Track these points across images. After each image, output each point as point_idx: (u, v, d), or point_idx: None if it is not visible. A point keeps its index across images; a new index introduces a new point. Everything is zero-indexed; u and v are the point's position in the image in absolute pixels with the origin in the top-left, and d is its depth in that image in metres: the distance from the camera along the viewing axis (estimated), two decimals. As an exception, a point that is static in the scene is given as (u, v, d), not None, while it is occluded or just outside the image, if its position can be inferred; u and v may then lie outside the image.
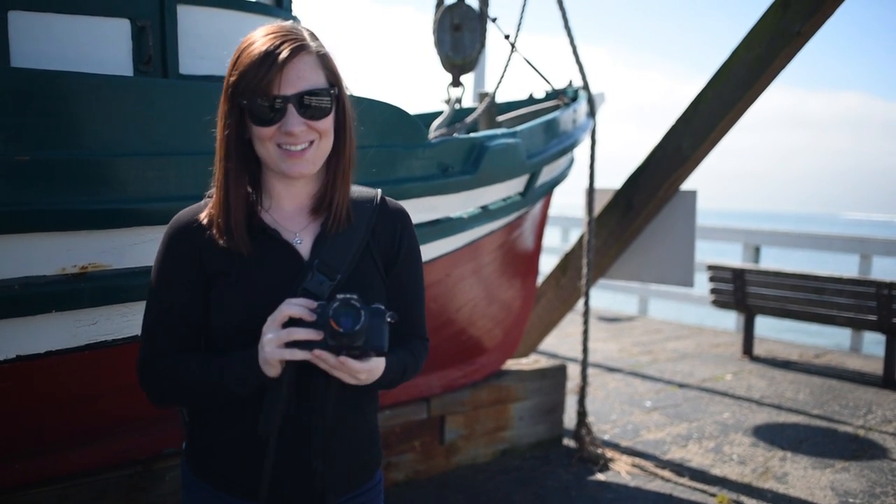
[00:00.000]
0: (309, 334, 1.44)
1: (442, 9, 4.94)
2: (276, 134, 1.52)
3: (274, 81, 1.48)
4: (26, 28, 2.62)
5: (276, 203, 1.64)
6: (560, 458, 4.99)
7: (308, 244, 1.63)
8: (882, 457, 5.03)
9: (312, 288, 1.55)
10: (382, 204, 1.74)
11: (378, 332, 1.45)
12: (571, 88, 5.52)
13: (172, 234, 1.63)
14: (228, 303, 1.57)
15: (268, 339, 1.46)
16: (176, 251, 1.61)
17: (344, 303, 1.42)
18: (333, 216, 1.62)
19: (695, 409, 6.14)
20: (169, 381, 1.60)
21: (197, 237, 1.59)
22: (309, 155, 1.55)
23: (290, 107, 1.50)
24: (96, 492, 3.02)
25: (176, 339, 1.62)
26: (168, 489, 3.20)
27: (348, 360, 1.43)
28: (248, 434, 1.57)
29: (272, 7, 3.54)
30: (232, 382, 1.53)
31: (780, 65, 5.00)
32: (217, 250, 1.57)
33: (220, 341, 1.60)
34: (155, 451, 3.22)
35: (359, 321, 1.41)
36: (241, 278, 1.57)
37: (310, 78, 1.52)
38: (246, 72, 1.49)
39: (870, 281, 6.91)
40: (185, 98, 2.39)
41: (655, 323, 10.16)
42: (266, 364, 1.47)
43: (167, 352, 1.61)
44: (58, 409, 2.61)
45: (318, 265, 1.58)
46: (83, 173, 2.19)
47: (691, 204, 5.71)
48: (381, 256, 1.69)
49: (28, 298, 2.19)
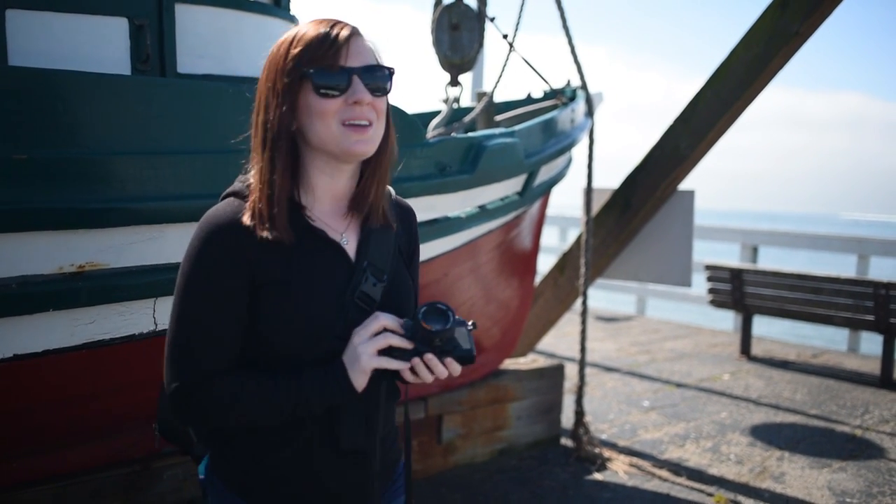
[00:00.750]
0: (403, 342, 1.46)
1: (440, 8, 4.94)
2: (341, 107, 1.46)
3: (341, 52, 1.46)
4: (24, 26, 2.62)
5: (317, 200, 1.56)
6: (558, 457, 4.99)
7: (353, 245, 1.58)
8: (879, 456, 5.04)
9: (368, 290, 1.53)
10: (397, 202, 1.73)
11: (465, 338, 1.50)
12: (569, 88, 5.52)
13: (212, 238, 1.46)
14: (283, 308, 1.46)
15: (362, 348, 1.44)
16: (218, 256, 1.45)
17: (430, 307, 1.46)
18: (374, 213, 1.60)
19: (692, 408, 6.14)
20: (222, 408, 1.46)
21: (243, 240, 1.45)
22: (370, 133, 1.50)
23: (356, 77, 1.47)
24: (93, 491, 3.02)
25: (220, 357, 1.47)
26: (166, 488, 3.20)
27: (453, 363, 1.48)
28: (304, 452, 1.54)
29: (270, 6, 3.54)
30: (314, 399, 1.46)
31: (779, 64, 5.00)
32: (262, 251, 1.45)
33: (271, 351, 1.49)
34: (153, 450, 3.22)
35: (448, 321, 1.44)
36: (294, 282, 1.47)
37: (370, 57, 1.51)
38: (311, 43, 1.45)
39: (867, 281, 6.92)
40: (182, 97, 2.39)
41: (653, 323, 10.17)
42: (359, 374, 1.45)
43: (213, 373, 1.46)
44: (55, 408, 2.61)
45: (367, 266, 1.55)
46: (81, 172, 2.19)
47: (689, 204, 5.72)
48: (404, 254, 1.70)
49: (25, 297, 2.19)
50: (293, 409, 1.46)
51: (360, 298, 1.52)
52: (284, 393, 1.45)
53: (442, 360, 1.47)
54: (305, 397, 1.46)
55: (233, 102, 2.47)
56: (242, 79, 3.30)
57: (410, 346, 1.46)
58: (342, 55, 1.46)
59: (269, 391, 1.45)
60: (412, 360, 1.46)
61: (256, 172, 1.50)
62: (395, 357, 1.46)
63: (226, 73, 3.22)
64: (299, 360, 1.49)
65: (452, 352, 1.48)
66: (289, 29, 3.60)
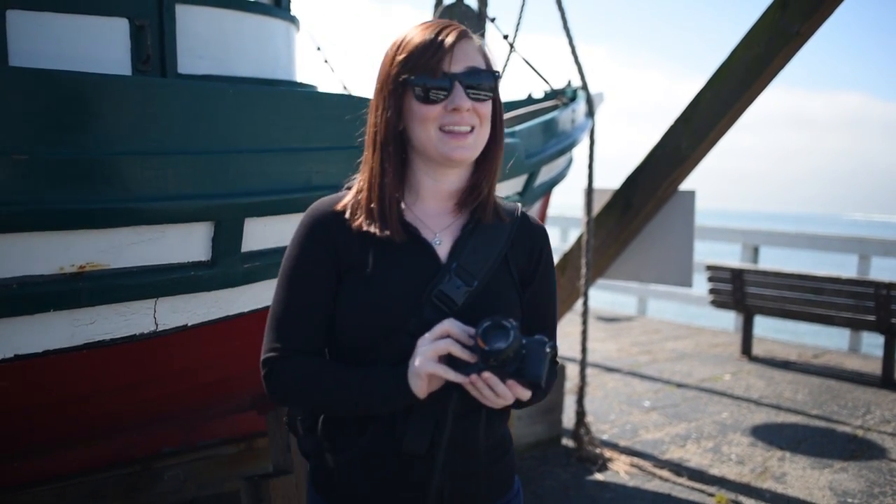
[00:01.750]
0: (464, 353, 1.38)
1: (440, 8, 4.94)
2: (441, 114, 1.50)
3: (444, 59, 1.48)
4: (25, 27, 2.62)
5: (420, 200, 1.60)
6: (558, 457, 4.99)
7: (447, 246, 1.58)
8: (880, 457, 5.03)
9: (448, 291, 1.51)
10: (524, 218, 1.68)
11: (536, 361, 1.37)
12: (570, 88, 5.52)
13: (309, 223, 1.58)
14: (359, 298, 1.52)
15: (422, 350, 1.41)
16: (312, 240, 1.56)
17: (495, 323, 1.36)
18: (483, 213, 1.59)
19: (693, 408, 6.14)
20: (298, 386, 1.53)
21: (333, 227, 1.56)
22: (471, 139, 1.52)
23: (458, 84, 1.49)
24: (94, 491, 3.03)
25: (306, 336, 1.56)
26: (166, 488, 3.20)
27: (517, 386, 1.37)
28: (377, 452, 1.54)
29: (271, 7, 3.54)
30: (377, 397, 1.47)
31: (779, 65, 5.00)
32: (353, 243, 1.54)
33: (345, 340, 1.55)
34: (154, 450, 3.22)
35: (507, 341, 1.33)
36: (375, 274, 1.52)
37: (475, 61, 1.52)
38: (414, 51, 1.49)
39: (868, 281, 6.91)
40: (183, 97, 2.39)
41: (654, 323, 10.16)
42: (415, 377, 1.42)
43: (297, 350, 1.54)
44: (56, 408, 2.61)
45: (456, 269, 1.53)
46: (81, 172, 2.19)
47: (690, 204, 5.71)
48: (517, 271, 1.63)
49: (26, 297, 2.19)
50: (357, 404, 1.50)
51: (437, 297, 1.51)
52: (351, 385, 1.49)
53: (504, 380, 1.37)
54: (368, 394, 1.47)
55: (233, 103, 2.47)
56: (243, 79, 3.30)
57: (472, 358, 1.37)
58: (445, 61, 1.49)
59: (339, 381, 1.50)
60: (471, 375, 1.37)
61: (366, 171, 1.58)
62: (456, 368, 1.39)
63: (226, 74, 3.22)
64: (372, 354, 1.50)
65: (518, 374, 1.37)
66: (289, 29, 3.61)
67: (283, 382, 1.54)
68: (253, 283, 2.66)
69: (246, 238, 2.56)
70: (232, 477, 3.60)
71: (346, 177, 1.69)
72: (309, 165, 2.62)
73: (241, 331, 2.76)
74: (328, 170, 2.65)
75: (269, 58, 3.53)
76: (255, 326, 2.74)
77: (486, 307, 1.52)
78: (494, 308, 1.52)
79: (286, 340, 1.55)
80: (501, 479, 1.67)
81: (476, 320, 1.42)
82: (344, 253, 1.54)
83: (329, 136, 2.68)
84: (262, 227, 2.61)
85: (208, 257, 2.52)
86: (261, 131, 2.53)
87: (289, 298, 1.57)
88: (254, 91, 2.59)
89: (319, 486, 1.65)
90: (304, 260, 1.56)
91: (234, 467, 3.69)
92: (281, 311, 1.57)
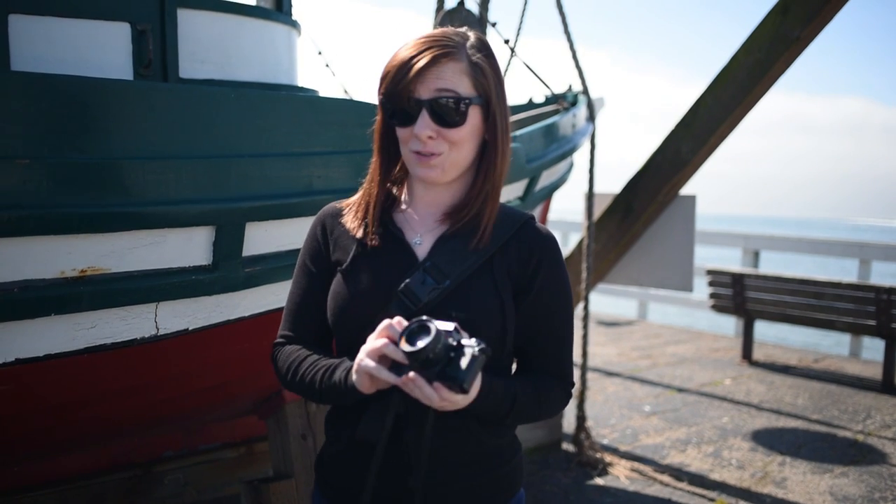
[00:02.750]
0: (397, 354, 1.36)
1: (442, 13, 4.95)
2: (411, 137, 1.52)
3: (411, 84, 1.49)
4: (26, 32, 2.63)
5: (413, 205, 1.66)
6: (559, 462, 4.99)
7: (427, 246, 1.60)
8: (881, 462, 5.03)
9: (414, 287, 1.51)
10: (526, 226, 1.63)
11: (461, 364, 1.32)
12: (571, 93, 5.53)
13: (315, 220, 1.72)
14: (337, 292, 1.60)
15: (363, 348, 1.41)
16: (312, 238, 1.70)
17: (420, 324, 1.34)
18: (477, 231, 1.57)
19: (694, 413, 6.13)
20: (286, 372, 1.64)
21: (331, 225, 1.68)
22: (437, 161, 1.52)
23: (423, 111, 1.49)
24: (95, 495, 3.03)
25: (305, 326, 1.68)
26: (167, 492, 3.20)
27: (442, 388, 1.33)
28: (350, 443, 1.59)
29: (272, 11, 3.55)
30: (333, 391, 1.52)
31: (780, 69, 5.01)
32: (343, 241, 1.64)
33: (335, 334, 1.66)
34: (154, 455, 3.22)
35: (425, 341, 1.30)
36: (353, 270, 1.60)
37: (450, 84, 1.49)
38: (389, 72, 1.52)
39: (869, 286, 6.91)
40: (184, 102, 2.39)
41: (655, 327, 10.16)
42: (356, 374, 1.42)
43: (296, 339, 1.68)
44: (57, 413, 2.61)
45: (429, 266, 1.54)
46: (82, 177, 2.19)
47: (690, 208, 5.72)
48: (507, 278, 1.58)
49: (27, 301, 2.19)
50: (321, 395, 1.57)
51: (403, 293, 1.51)
52: (316, 377, 1.56)
53: (430, 381, 1.34)
54: (328, 388, 1.53)
55: (234, 107, 2.48)
56: (244, 84, 3.30)
57: (405, 360, 1.34)
58: (413, 87, 1.49)
59: (310, 372, 1.58)
60: (402, 376, 1.34)
61: (368, 174, 1.67)
62: (390, 368, 1.37)
63: (227, 78, 3.22)
64: (354, 346, 1.50)
65: (441, 376, 1.33)
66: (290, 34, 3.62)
67: (277, 367, 1.68)
68: (254, 288, 2.66)
69: (247, 242, 2.57)
70: (232, 481, 3.60)
71: (346, 181, 1.73)
72: (310, 170, 2.63)
73: (242, 335, 2.76)
74: (329, 174, 2.66)
75: (271, 62, 3.53)
76: (256, 331, 2.76)
77: (454, 308, 1.51)
78: (463, 310, 1.51)
79: (288, 328, 1.70)
80: (498, 489, 1.64)
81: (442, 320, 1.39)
82: (334, 248, 1.65)
83: (330, 140, 2.68)
84: (263, 231, 2.61)
85: (209, 262, 2.52)
86: (262, 136, 2.53)
87: (293, 290, 1.71)
88: (255, 95, 2.59)
89: (318, 482, 1.74)
90: (305, 255, 1.70)
91: (235, 471, 3.69)
92: (288, 301, 1.72)
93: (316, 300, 1.66)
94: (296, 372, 1.61)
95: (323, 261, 1.66)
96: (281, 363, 1.67)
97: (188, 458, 3.40)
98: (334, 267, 1.64)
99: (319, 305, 1.65)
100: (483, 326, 1.52)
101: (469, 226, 1.58)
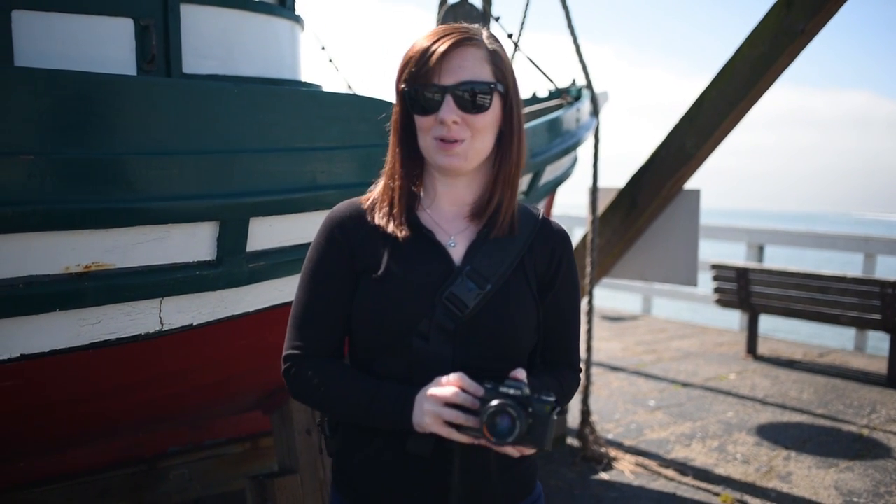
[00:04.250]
0: (469, 421, 1.39)
1: (445, 8, 4.94)
2: (434, 124, 1.50)
3: (434, 70, 1.48)
4: (30, 27, 2.63)
5: (436, 203, 1.62)
6: (564, 457, 4.99)
7: (462, 249, 1.58)
8: (886, 456, 5.02)
9: (460, 293, 1.51)
10: (544, 223, 1.68)
11: (541, 431, 1.37)
12: (575, 87, 5.51)
13: (328, 225, 1.61)
14: (372, 299, 1.53)
15: (428, 411, 1.41)
16: (330, 242, 1.59)
17: (500, 409, 1.35)
18: (496, 223, 1.58)
19: (698, 408, 6.13)
20: (314, 389, 1.56)
21: (351, 229, 1.59)
22: (460, 149, 1.51)
23: (448, 97, 1.48)
24: (101, 490, 3.03)
25: (325, 337, 1.59)
26: (172, 487, 3.21)
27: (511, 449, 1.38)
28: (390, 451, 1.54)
29: (275, 6, 3.54)
30: (381, 418, 1.49)
31: (784, 63, 4.98)
32: (370, 245, 1.57)
33: (360, 340, 1.58)
34: (159, 450, 3.23)
35: (513, 432, 1.34)
36: (389, 275, 1.53)
37: (472, 71, 1.49)
38: (410, 60, 1.51)
39: (874, 280, 6.89)
40: (188, 97, 2.39)
41: (659, 322, 10.15)
42: (420, 427, 1.44)
43: (317, 351, 1.58)
44: (61, 408, 2.62)
45: (469, 271, 1.53)
46: (86, 172, 2.20)
47: (695, 203, 5.70)
48: (535, 276, 1.62)
49: (32, 297, 2.20)
50: (363, 418, 1.51)
51: (449, 300, 1.50)
52: (361, 400, 1.50)
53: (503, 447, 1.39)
54: (376, 412, 1.49)
55: (238, 102, 2.48)
56: (248, 79, 3.30)
57: (477, 426, 1.37)
58: (435, 73, 1.48)
59: (349, 389, 1.52)
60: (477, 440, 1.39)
61: (386, 171, 1.61)
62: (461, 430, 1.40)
63: (231, 74, 3.22)
64: (386, 354, 1.52)
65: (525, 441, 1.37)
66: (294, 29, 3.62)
67: (301, 382, 1.57)
68: (258, 283, 2.66)
69: (251, 238, 2.57)
70: (237, 476, 3.61)
71: (350, 176, 1.70)
72: (314, 165, 2.62)
73: (246, 330, 2.76)
74: (333, 169, 2.66)
75: (274, 57, 3.53)
76: (261, 326, 2.76)
77: (498, 312, 1.53)
78: (509, 313, 1.54)
79: (307, 340, 1.58)
80: (521, 482, 1.67)
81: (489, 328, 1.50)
82: (360, 252, 1.56)
83: (334, 135, 2.68)
84: (267, 226, 2.61)
85: (213, 257, 2.52)
86: (266, 131, 2.53)
87: (309, 299, 1.59)
88: (259, 91, 2.59)
89: (340, 486, 1.66)
90: (322, 261, 1.59)
91: (240, 467, 3.70)
92: (302, 310, 1.60)
93: (336, 309, 1.58)
94: (329, 390, 1.54)
95: (345, 266, 1.57)
96: (306, 380, 1.56)
97: (193, 454, 3.40)
98: (361, 272, 1.56)
99: (339, 315, 1.58)
100: (525, 331, 1.58)
101: (495, 222, 1.59)
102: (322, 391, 1.55)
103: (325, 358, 1.58)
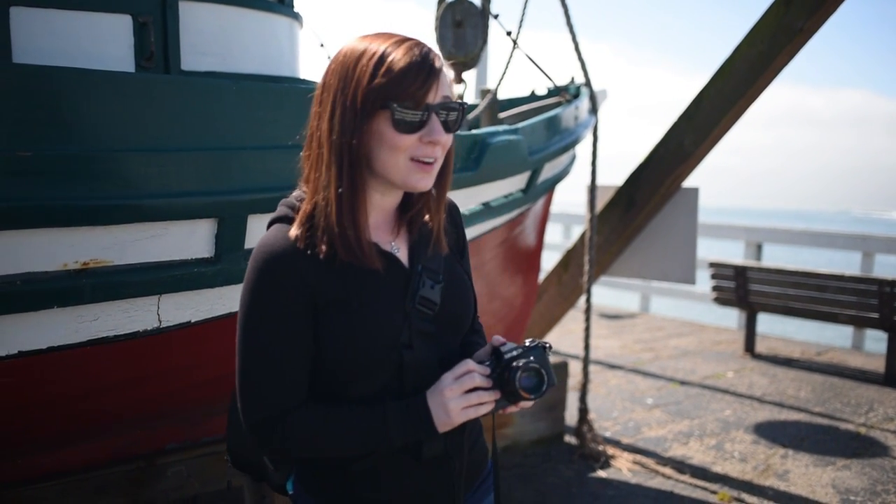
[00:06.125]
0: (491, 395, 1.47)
1: (444, 5, 4.93)
2: (415, 144, 1.42)
3: (431, 89, 1.41)
4: (28, 24, 2.62)
5: (373, 214, 1.54)
6: (561, 454, 4.99)
7: (405, 252, 1.58)
8: (883, 455, 5.03)
9: (428, 294, 1.53)
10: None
11: (550, 371, 1.51)
12: (573, 85, 5.51)
13: (268, 268, 1.44)
14: (349, 326, 1.45)
15: (453, 407, 1.44)
16: (279, 287, 1.43)
17: (525, 368, 1.46)
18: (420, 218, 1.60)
19: (696, 406, 6.14)
20: (310, 440, 1.47)
21: (298, 266, 1.43)
22: (434, 169, 1.48)
23: (434, 116, 1.42)
24: (98, 487, 3.03)
25: (296, 390, 1.47)
26: (170, 485, 3.21)
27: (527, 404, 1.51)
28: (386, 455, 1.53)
29: (274, 3, 3.54)
30: (396, 435, 1.46)
31: (783, 61, 4.99)
32: (326, 276, 1.44)
33: (330, 373, 1.49)
34: (157, 447, 3.22)
35: (543, 383, 1.47)
36: (360, 301, 1.46)
37: (448, 90, 1.47)
38: (399, 74, 1.38)
39: (872, 278, 6.90)
40: (186, 94, 2.39)
41: (657, 320, 10.16)
42: (446, 424, 1.46)
43: (295, 403, 1.46)
44: (59, 405, 2.62)
45: (423, 270, 1.55)
46: (85, 169, 2.19)
47: (693, 201, 5.71)
48: (455, 252, 1.70)
49: (30, 294, 2.19)
50: (376, 443, 1.47)
51: (421, 304, 1.52)
52: (366, 427, 1.46)
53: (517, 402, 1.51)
54: (387, 432, 1.46)
55: (236, 99, 2.47)
56: (246, 76, 3.30)
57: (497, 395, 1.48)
58: (430, 92, 1.41)
59: (351, 425, 1.46)
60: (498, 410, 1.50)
61: (320, 189, 1.45)
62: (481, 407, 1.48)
63: (229, 71, 3.22)
64: (367, 376, 1.49)
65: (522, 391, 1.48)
66: (292, 26, 3.60)
67: (282, 443, 1.47)
68: (256, 280, 2.65)
69: (249, 235, 2.57)
70: (235, 473, 3.60)
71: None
72: (312, 162, 2.62)
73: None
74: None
75: (273, 54, 3.52)
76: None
77: (454, 297, 1.60)
78: (461, 296, 1.62)
79: (273, 401, 1.45)
80: (481, 449, 1.74)
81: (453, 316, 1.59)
82: (315, 286, 1.44)
83: (332, 132, 2.67)
84: (265, 223, 2.60)
85: (211, 254, 2.52)
86: (264, 128, 2.53)
87: (267, 354, 1.45)
88: (257, 88, 2.59)
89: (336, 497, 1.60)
90: (272, 307, 1.44)
91: (238, 464, 3.69)
92: (264, 364, 1.45)
93: (305, 352, 1.47)
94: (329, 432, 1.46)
95: (302, 304, 1.44)
96: (298, 436, 1.46)
97: (191, 451, 3.40)
98: (322, 307, 1.45)
99: (308, 357, 1.48)
100: (474, 305, 1.70)
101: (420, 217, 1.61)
102: (322, 438, 1.46)
103: (302, 405, 1.48)
